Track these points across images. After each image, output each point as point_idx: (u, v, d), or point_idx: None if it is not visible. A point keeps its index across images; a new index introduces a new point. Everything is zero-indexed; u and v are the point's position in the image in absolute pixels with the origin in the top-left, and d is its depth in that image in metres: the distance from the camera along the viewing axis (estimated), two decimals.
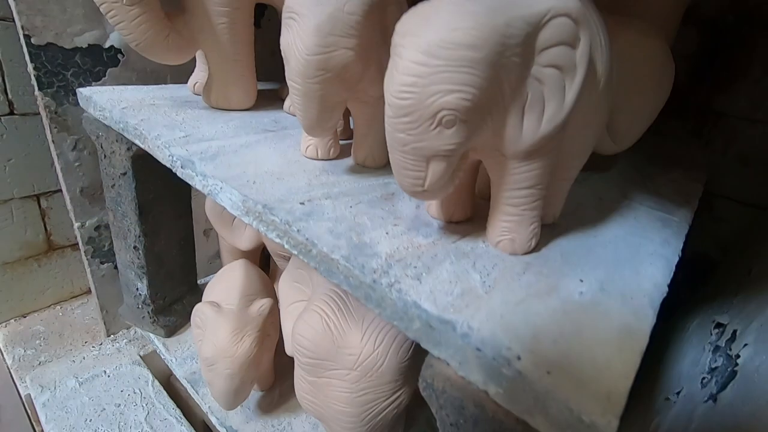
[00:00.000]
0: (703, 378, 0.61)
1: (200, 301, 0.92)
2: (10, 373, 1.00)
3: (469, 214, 0.47)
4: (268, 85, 0.99)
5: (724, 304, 0.76)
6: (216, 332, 0.67)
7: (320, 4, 0.41)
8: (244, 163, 0.54)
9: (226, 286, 0.76)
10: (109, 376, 0.93)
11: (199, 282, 1.04)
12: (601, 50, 0.37)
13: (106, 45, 0.85)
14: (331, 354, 0.49)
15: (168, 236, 0.87)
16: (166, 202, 0.84)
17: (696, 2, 1.04)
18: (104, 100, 0.70)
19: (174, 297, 0.94)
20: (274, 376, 0.85)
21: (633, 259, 0.46)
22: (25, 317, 1.13)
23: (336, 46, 0.42)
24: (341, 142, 0.64)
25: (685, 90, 1.08)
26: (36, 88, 0.80)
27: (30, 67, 0.78)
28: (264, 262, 1.07)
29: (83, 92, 0.74)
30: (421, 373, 0.36)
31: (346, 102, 0.50)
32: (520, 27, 0.31)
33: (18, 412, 0.93)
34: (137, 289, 0.88)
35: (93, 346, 1.02)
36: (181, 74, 0.93)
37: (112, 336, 1.05)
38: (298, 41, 0.42)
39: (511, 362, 0.30)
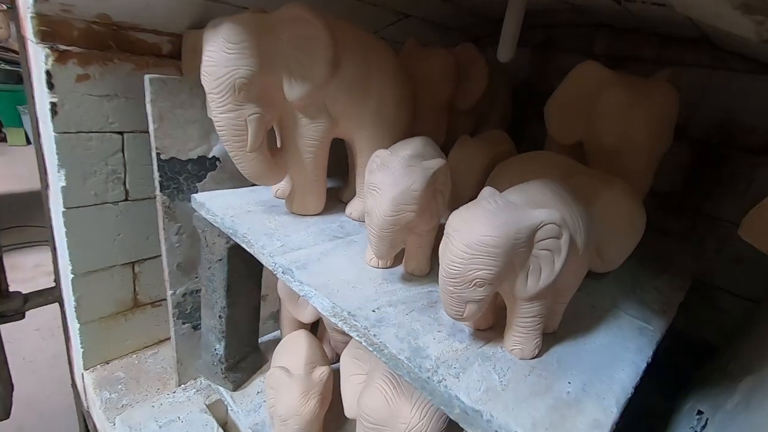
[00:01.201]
0: None
1: (261, 358, 1.12)
2: (84, 417, 1.20)
3: (491, 323, 0.67)
4: (329, 182, 1.24)
5: (708, 393, 0.91)
6: (289, 394, 0.87)
7: (395, 184, 0.64)
8: (327, 272, 0.76)
9: (293, 353, 0.96)
10: (182, 422, 1.13)
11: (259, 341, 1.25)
12: (580, 232, 0.57)
13: (210, 155, 1.11)
14: (389, 422, 0.67)
15: (244, 306, 1.09)
16: (246, 279, 1.06)
17: (685, 123, 1.26)
18: (215, 207, 0.95)
19: (241, 356, 1.14)
20: (323, 429, 1.02)
21: (611, 365, 0.64)
22: (108, 363, 1.35)
23: (404, 210, 0.65)
24: None
25: (680, 195, 1.28)
26: (158, 189, 1.05)
27: (156, 175, 1.04)
28: (314, 327, 1.27)
29: (197, 198, 0.99)
30: None
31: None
32: (525, 232, 0.52)
33: None
34: (215, 349, 1.09)
35: (167, 394, 1.22)
36: None
37: (182, 385, 1.26)
38: (378, 208, 0.65)
39: None
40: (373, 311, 0.67)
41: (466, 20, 1.53)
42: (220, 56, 0.76)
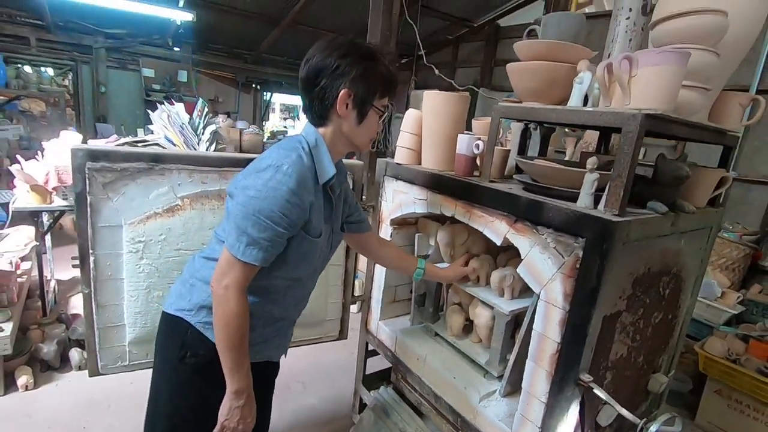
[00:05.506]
0: None
1: (438, 317, 3.99)
2: (367, 342, 4.06)
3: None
4: None
5: None
6: (456, 313, 3.65)
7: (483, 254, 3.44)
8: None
9: (455, 306, 3.75)
10: (412, 329, 3.94)
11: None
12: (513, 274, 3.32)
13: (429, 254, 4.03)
14: (480, 315, 3.38)
15: (436, 295, 3.92)
16: (439, 286, 3.90)
17: None
18: None
19: (435, 313, 3.96)
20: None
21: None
22: (383, 320, 4.23)
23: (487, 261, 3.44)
24: None
25: None
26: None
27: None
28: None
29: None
30: None
31: None
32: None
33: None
34: (429, 309, 3.92)
35: (406, 328, 4.06)
36: None
37: (412, 325, 4.09)
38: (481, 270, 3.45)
39: None
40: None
41: None
42: (445, 234, 3.68)
